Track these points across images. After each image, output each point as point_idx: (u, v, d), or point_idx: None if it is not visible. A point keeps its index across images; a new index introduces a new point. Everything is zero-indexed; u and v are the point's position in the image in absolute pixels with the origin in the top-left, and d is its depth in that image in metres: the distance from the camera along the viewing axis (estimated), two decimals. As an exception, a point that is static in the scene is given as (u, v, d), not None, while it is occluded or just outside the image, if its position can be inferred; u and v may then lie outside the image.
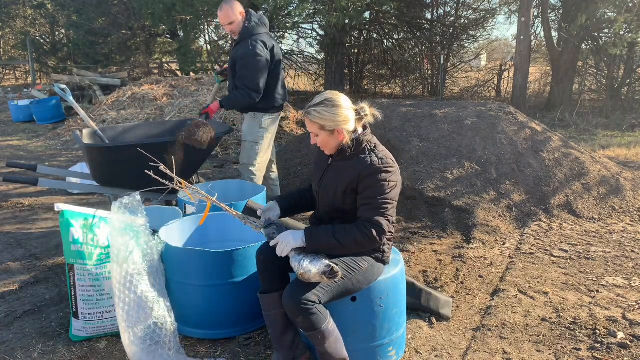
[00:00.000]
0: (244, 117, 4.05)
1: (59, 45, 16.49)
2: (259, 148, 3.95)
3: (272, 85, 3.87)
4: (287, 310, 2.07)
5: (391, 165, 2.19)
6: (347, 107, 2.18)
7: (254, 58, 3.68)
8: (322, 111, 2.15)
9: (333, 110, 2.15)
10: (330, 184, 2.25)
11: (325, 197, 2.29)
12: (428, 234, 4.16)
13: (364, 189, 2.15)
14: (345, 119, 2.17)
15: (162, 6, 10.38)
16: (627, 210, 4.57)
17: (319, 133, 2.19)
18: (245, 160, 3.97)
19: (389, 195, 2.14)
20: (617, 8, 9.85)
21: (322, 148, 2.26)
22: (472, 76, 14.85)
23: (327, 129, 2.16)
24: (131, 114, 8.36)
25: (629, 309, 2.93)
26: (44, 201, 5.06)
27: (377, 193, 2.13)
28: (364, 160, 2.17)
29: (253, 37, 3.74)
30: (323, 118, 2.15)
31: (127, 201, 2.62)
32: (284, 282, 2.30)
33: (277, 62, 3.88)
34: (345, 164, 2.22)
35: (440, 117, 5.45)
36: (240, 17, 3.78)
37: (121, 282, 2.39)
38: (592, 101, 11.81)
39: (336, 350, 2.14)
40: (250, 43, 3.71)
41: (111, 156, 3.60)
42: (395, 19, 13.06)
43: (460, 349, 2.60)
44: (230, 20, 3.76)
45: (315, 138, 2.22)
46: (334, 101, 2.17)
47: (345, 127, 2.17)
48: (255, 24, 3.79)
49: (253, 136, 3.93)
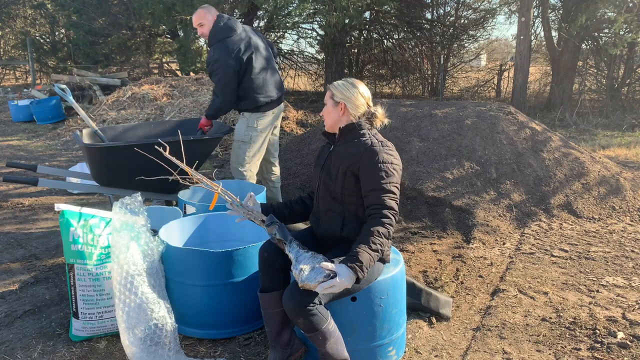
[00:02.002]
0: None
1: (59, 45, 16.49)
2: (247, 147, 3.92)
3: (247, 86, 3.84)
4: (287, 311, 2.07)
5: (391, 148, 2.25)
6: (361, 93, 2.30)
7: (215, 64, 3.73)
8: (340, 84, 2.32)
9: (349, 87, 2.30)
10: (332, 167, 2.28)
11: (326, 183, 2.29)
12: (428, 234, 4.16)
13: (366, 174, 2.16)
14: (354, 100, 2.28)
15: (162, 6, 10.38)
16: (627, 210, 4.57)
17: (327, 101, 2.34)
18: (234, 160, 3.97)
19: (392, 178, 2.17)
20: (617, 8, 9.85)
21: (324, 118, 2.37)
22: (472, 76, 14.85)
23: (334, 98, 2.30)
24: (131, 114, 8.36)
25: (629, 309, 2.93)
26: (44, 201, 5.06)
27: (381, 177, 2.15)
28: (364, 142, 2.24)
29: (218, 42, 3.76)
30: (337, 88, 2.31)
31: (129, 201, 2.62)
32: (285, 282, 2.30)
33: (247, 62, 3.79)
34: (346, 147, 2.27)
35: (440, 117, 5.45)
36: (212, 20, 3.81)
37: (122, 283, 2.39)
38: (592, 101, 11.81)
39: (337, 351, 2.14)
40: (214, 48, 3.76)
41: (111, 156, 3.60)
42: (395, 19, 13.06)
43: (460, 349, 2.60)
44: (200, 22, 3.83)
45: (324, 108, 2.37)
46: (354, 82, 2.33)
47: (349, 105, 2.28)
48: (220, 27, 3.78)
49: (240, 135, 3.93)
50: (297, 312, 2.03)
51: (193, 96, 8.67)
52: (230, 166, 4.07)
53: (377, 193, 2.14)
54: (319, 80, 14.58)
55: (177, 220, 3.03)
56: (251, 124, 3.91)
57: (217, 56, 3.73)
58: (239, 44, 3.78)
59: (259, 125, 3.94)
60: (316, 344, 2.12)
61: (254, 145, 3.95)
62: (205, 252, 2.57)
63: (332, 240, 2.32)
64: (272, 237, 2.22)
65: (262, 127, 3.97)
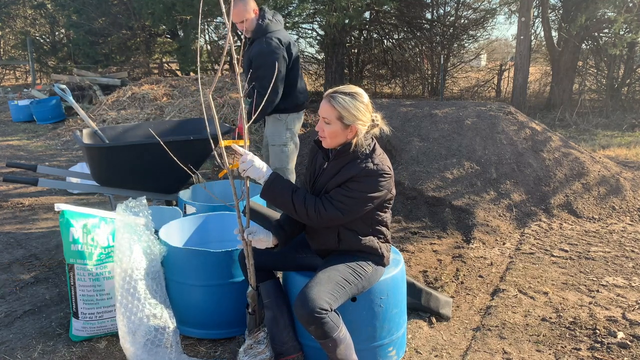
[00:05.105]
0: (266, 119, 3.85)
1: (59, 45, 16.49)
2: (289, 150, 3.80)
3: (292, 83, 3.70)
4: (299, 319, 2.03)
5: (387, 172, 2.14)
6: (370, 110, 2.14)
7: (269, 56, 3.48)
8: (349, 101, 2.08)
9: (359, 106, 2.09)
10: (329, 184, 2.21)
11: (316, 195, 2.26)
12: (428, 234, 4.16)
13: (351, 182, 2.13)
14: (364, 120, 2.12)
15: (162, 6, 10.38)
16: (627, 210, 4.57)
17: (333, 122, 2.10)
18: (278, 165, 3.82)
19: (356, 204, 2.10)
20: (616, 8, 9.84)
21: (327, 139, 2.15)
22: (472, 76, 14.84)
23: (344, 121, 2.09)
24: (131, 114, 8.36)
25: (629, 309, 2.93)
26: (44, 201, 5.06)
27: (359, 189, 2.10)
28: (359, 165, 2.12)
29: (268, 34, 3.57)
30: (347, 109, 2.07)
31: (133, 204, 2.62)
32: (268, 273, 2.41)
33: (295, 59, 3.70)
34: (341, 166, 2.17)
35: (440, 117, 5.45)
36: (254, 14, 3.61)
37: (124, 287, 2.39)
38: (592, 101, 11.81)
39: (347, 357, 2.13)
40: (265, 41, 3.54)
41: (111, 156, 3.60)
42: (395, 19, 13.05)
43: (460, 349, 2.60)
44: (243, 18, 3.58)
45: (326, 125, 2.12)
46: (363, 98, 2.11)
47: (360, 128, 2.11)
48: (270, 21, 3.62)
49: (281, 139, 3.76)
50: (310, 319, 2.00)
51: (193, 96, 8.67)
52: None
53: (342, 194, 2.11)
54: (319, 80, 14.58)
55: (177, 220, 3.03)
56: (290, 125, 3.77)
57: (269, 49, 3.50)
58: (287, 38, 3.64)
59: (296, 126, 3.82)
60: (327, 350, 2.10)
61: (293, 146, 3.83)
62: (205, 252, 2.57)
63: (328, 251, 2.31)
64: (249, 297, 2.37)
65: (297, 127, 3.86)
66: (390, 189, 2.21)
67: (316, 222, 2.13)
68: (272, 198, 2.17)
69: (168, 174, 3.81)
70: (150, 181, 3.82)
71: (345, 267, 2.16)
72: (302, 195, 2.14)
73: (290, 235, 2.28)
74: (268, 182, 2.15)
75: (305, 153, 5.84)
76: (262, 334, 2.38)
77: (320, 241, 2.28)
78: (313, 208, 2.11)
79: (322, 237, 2.27)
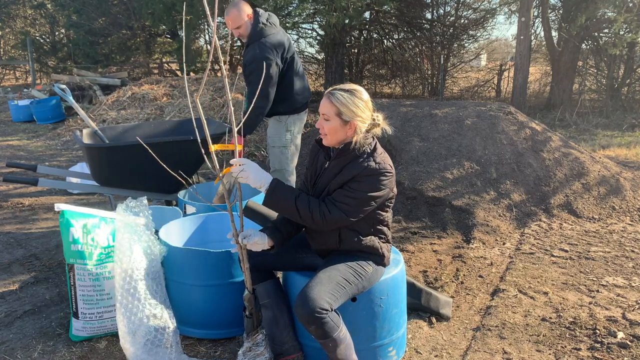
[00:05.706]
0: (268, 120, 3.86)
1: (59, 45, 16.49)
2: (289, 152, 3.79)
3: (288, 86, 3.68)
4: (299, 319, 2.04)
5: (389, 170, 2.14)
6: (369, 107, 2.16)
7: (260, 63, 3.43)
8: (347, 97, 2.10)
9: (358, 102, 2.12)
10: (331, 184, 2.21)
11: (318, 196, 2.27)
12: (428, 234, 4.16)
13: (353, 182, 2.13)
14: (364, 117, 2.14)
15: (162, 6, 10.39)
16: (627, 210, 4.57)
17: (332, 118, 2.12)
18: (278, 166, 3.82)
19: (360, 205, 2.11)
20: (616, 8, 9.84)
21: (327, 136, 2.16)
22: (472, 76, 14.84)
23: (343, 117, 2.11)
24: (131, 114, 8.36)
25: (629, 309, 2.93)
26: (44, 201, 5.06)
27: (361, 189, 2.10)
28: (361, 164, 2.13)
29: (261, 40, 3.54)
30: (345, 104, 2.10)
31: (133, 204, 2.62)
32: (268, 273, 2.40)
33: (290, 61, 3.67)
34: (343, 165, 2.17)
35: (440, 117, 5.45)
36: (248, 19, 3.57)
37: (124, 288, 2.39)
38: (592, 101, 11.81)
39: (347, 357, 2.13)
40: (258, 46, 3.52)
41: (111, 156, 3.60)
42: (395, 19, 13.05)
43: (460, 349, 2.60)
44: (238, 24, 3.55)
45: (325, 122, 2.14)
46: (362, 95, 2.14)
47: (359, 124, 2.13)
48: (264, 25, 3.57)
49: (282, 141, 3.76)
50: (310, 319, 2.01)
51: (193, 96, 8.68)
52: (271, 172, 3.87)
53: (345, 195, 2.11)
54: (319, 80, 14.57)
55: (177, 220, 3.03)
56: (290, 127, 3.76)
57: (261, 55, 3.47)
58: (282, 41, 3.59)
59: (296, 127, 3.81)
60: (327, 350, 2.11)
61: (293, 148, 3.82)
62: (205, 252, 2.57)
63: (329, 251, 2.31)
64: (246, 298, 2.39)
65: (299, 129, 3.84)
66: (392, 188, 2.21)
67: (322, 226, 2.13)
68: (275, 205, 2.16)
69: (168, 174, 3.81)
70: (150, 181, 3.82)
71: (346, 267, 2.16)
72: (305, 200, 2.14)
73: (286, 236, 2.29)
74: (270, 190, 2.14)
75: (305, 153, 5.84)
76: (260, 336, 2.38)
77: (321, 241, 2.28)
78: (318, 212, 2.11)
79: (323, 237, 2.26)
